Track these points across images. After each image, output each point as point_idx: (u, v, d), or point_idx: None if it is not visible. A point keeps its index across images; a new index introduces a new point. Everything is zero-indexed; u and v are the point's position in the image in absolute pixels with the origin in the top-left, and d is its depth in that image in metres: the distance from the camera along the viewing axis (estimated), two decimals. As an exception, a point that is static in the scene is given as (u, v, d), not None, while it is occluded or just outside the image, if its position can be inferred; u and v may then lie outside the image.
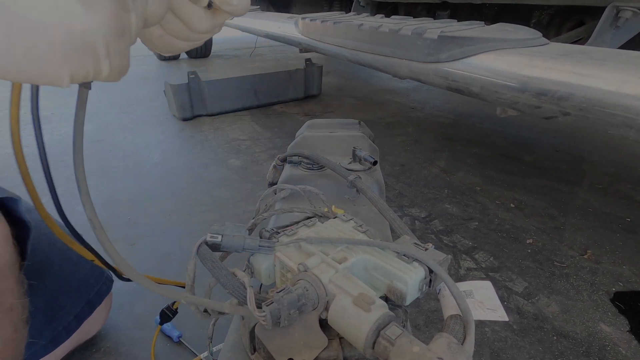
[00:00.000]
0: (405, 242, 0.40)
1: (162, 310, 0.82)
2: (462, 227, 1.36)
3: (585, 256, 1.20)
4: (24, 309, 0.44)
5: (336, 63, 4.18)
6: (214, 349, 0.81)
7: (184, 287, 0.37)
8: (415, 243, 0.40)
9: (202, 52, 4.60)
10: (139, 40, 0.30)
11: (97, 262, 0.46)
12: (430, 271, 0.36)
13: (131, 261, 1.18)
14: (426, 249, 0.38)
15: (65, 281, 0.76)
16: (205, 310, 0.39)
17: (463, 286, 0.40)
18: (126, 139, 2.15)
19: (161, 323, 0.82)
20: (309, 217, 0.47)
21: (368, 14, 1.76)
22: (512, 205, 1.49)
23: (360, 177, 0.59)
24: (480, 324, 0.96)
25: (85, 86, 0.31)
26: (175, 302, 0.82)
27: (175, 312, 0.82)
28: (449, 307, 0.35)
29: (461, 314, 0.33)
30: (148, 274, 0.64)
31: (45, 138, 2.06)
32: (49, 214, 0.41)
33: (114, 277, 0.87)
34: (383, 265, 0.37)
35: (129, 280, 0.40)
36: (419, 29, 1.14)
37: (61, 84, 0.22)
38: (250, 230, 0.47)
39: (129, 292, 1.04)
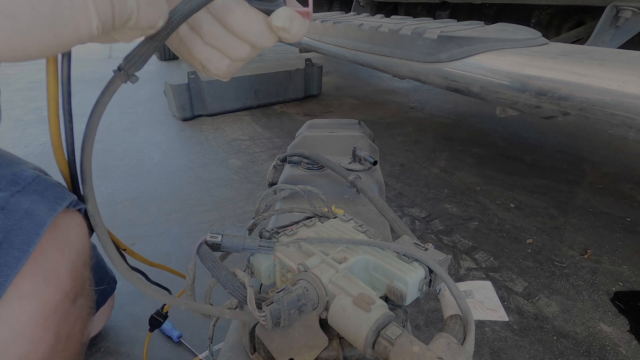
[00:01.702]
0: (405, 242, 0.40)
1: (152, 317, 0.79)
2: (462, 227, 1.36)
3: (585, 256, 1.19)
4: (94, 296, 0.49)
5: (336, 63, 4.18)
6: (214, 348, 0.81)
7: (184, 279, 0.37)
8: (415, 243, 0.40)
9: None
10: None
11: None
12: (430, 271, 0.36)
13: (131, 261, 1.18)
14: (426, 249, 0.38)
15: None
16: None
17: (463, 286, 0.40)
18: (127, 139, 2.15)
19: (151, 330, 0.80)
20: (309, 217, 0.47)
21: (368, 14, 1.76)
22: (512, 205, 1.49)
23: (360, 177, 0.59)
24: (480, 324, 0.96)
25: (125, 75, 0.30)
26: (164, 305, 0.79)
27: (165, 316, 0.80)
28: (449, 307, 0.35)
29: (461, 314, 0.33)
30: (148, 274, 0.64)
31: (46, 138, 2.04)
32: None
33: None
34: (383, 265, 0.37)
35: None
36: (419, 29, 1.14)
37: (91, 31, 0.21)
38: (251, 230, 0.47)
39: (129, 292, 1.04)
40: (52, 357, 0.37)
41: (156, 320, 0.79)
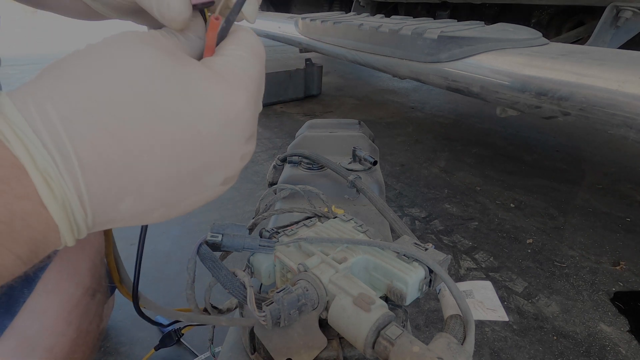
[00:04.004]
0: (405, 242, 0.40)
1: (169, 333, 0.80)
2: (462, 227, 1.36)
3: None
4: (109, 293, 0.53)
5: (336, 63, 4.18)
6: (215, 350, 0.81)
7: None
8: (415, 243, 0.39)
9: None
10: None
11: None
12: (430, 271, 0.36)
13: (131, 261, 1.18)
14: (426, 249, 0.38)
15: None
16: (205, 310, 0.39)
17: (463, 286, 0.40)
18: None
19: (158, 347, 0.80)
20: (309, 217, 0.47)
21: (368, 14, 1.76)
22: (512, 205, 1.49)
23: (360, 177, 0.59)
24: (480, 324, 0.96)
25: None
26: (183, 327, 0.81)
27: (179, 338, 0.81)
28: (449, 307, 0.35)
29: (461, 314, 0.33)
30: (148, 274, 0.65)
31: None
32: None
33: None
34: (383, 265, 0.37)
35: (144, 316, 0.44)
36: (419, 29, 1.14)
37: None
38: (251, 230, 0.47)
39: (129, 292, 1.04)
40: (73, 350, 0.38)
41: (169, 338, 0.80)
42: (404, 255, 0.37)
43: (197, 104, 0.22)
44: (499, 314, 0.37)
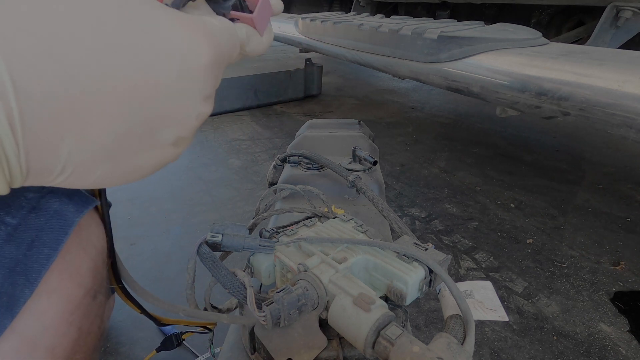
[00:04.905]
0: (405, 242, 0.40)
1: (170, 337, 0.80)
2: (462, 227, 1.36)
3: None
4: (110, 294, 0.53)
5: (336, 63, 4.18)
6: (215, 350, 0.81)
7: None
8: (415, 243, 0.40)
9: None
10: None
11: (136, 309, 0.51)
12: (430, 271, 0.36)
13: (131, 261, 1.18)
14: (426, 249, 0.38)
15: None
16: (205, 310, 0.39)
17: (463, 286, 0.40)
18: (126, 139, 2.15)
19: (159, 349, 0.81)
20: (309, 217, 0.47)
21: (368, 14, 1.76)
22: (512, 205, 1.49)
23: (360, 177, 0.59)
24: (480, 324, 0.96)
25: None
26: (184, 332, 0.81)
27: (180, 343, 0.81)
28: (449, 307, 0.35)
29: (461, 314, 0.33)
30: (148, 274, 0.65)
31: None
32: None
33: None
34: (383, 265, 0.37)
35: (166, 325, 0.44)
36: (419, 29, 1.14)
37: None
38: (251, 230, 0.47)
39: (129, 292, 1.03)
40: (75, 351, 0.38)
41: (170, 342, 0.80)
42: (404, 255, 0.37)
43: (159, 43, 0.21)
44: (499, 314, 0.37)
